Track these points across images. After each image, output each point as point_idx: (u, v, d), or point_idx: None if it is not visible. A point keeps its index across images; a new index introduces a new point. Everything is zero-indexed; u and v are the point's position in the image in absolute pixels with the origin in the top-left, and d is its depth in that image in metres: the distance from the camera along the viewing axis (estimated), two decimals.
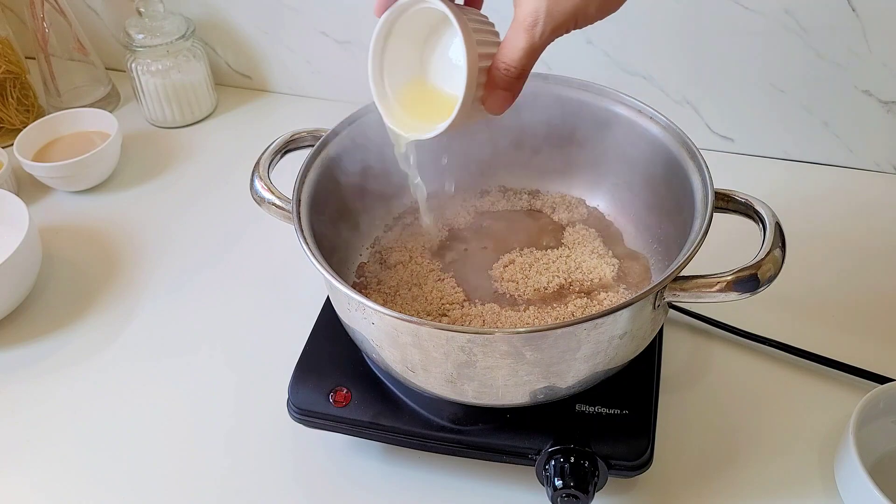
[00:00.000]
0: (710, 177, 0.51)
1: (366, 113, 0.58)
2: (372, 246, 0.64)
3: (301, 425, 0.55)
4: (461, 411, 0.53)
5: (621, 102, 0.59)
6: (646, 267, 0.60)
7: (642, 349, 0.52)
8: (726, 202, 0.52)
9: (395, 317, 0.44)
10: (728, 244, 0.57)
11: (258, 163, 0.57)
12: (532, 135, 0.63)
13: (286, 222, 0.54)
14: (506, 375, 0.46)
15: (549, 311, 0.55)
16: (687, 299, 0.47)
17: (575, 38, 0.45)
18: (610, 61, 0.82)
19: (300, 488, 0.57)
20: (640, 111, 0.58)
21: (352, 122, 0.58)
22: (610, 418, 0.52)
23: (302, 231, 0.50)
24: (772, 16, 0.74)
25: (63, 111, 0.89)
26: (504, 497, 0.55)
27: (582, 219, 0.64)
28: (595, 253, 0.60)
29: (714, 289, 0.47)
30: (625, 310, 0.44)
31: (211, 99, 0.96)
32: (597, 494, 0.50)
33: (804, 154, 0.83)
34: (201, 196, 0.85)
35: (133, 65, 0.91)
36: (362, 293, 0.46)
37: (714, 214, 0.49)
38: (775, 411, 0.59)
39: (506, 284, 0.58)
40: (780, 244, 0.48)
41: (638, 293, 0.45)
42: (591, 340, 0.45)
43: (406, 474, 0.57)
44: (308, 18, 0.91)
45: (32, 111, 0.94)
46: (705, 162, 0.52)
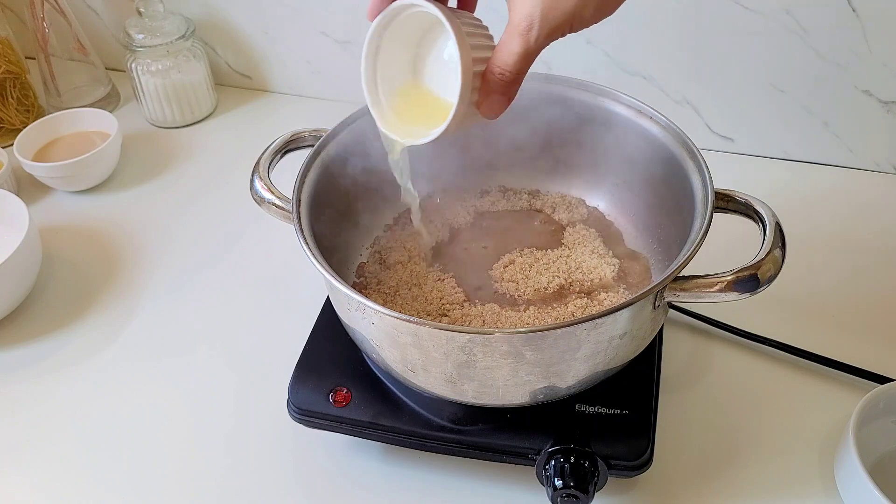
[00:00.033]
0: (710, 177, 0.51)
1: (366, 113, 0.58)
2: (372, 246, 0.64)
3: (301, 425, 0.55)
4: (461, 411, 0.53)
5: (621, 102, 0.59)
6: (646, 267, 0.60)
7: (642, 349, 0.52)
8: (726, 202, 0.52)
9: (395, 317, 0.44)
10: (728, 244, 0.57)
11: (258, 163, 0.57)
12: (532, 135, 0.63)
13: (286, 222, 0.54)
14: (506, 375, 0.46)
15: (550, 312, 0.55)
16: (687, 299, 0.47)
17: (575, 38, 0.45)
18: (610, 61, 0.82)
19: (300, 488, 0.57)
20: (640, 111, 0.58)
21: (352, 123, 0.58)
22: (610, 418, 0.52)
23: (302, 231, 0.50)
24: (772, 16, 0.74)
25: (63, 111, 0.89)
26: (504, 497, 0.55)
27: (582, 219, 0.64)
28: (595, 253, 0.60)
29: (714, 289, 0.47)
30: (625, 310, 0.44)
31: (211, 99, 0.96)
32: (597, 494, 0.50)
33: (804, 154, 0.83)
34: (201, 196, 0.85)
35: (133, 65, 0.91)
36: (362, 293, 0.46)
37: (714, 214, 0.49)
38: (775, 411, 0.59)
39: (506, 285, 0.58)
40: (780, 244, 0.48)
41: (638, 293, 0.45)
42: (591, 340, 0.45)
43: (406, 474, 0.57)
44: (308, 18, 0.91)
45: (32, 111, 0.94)
46: (705, 162, 0.52)
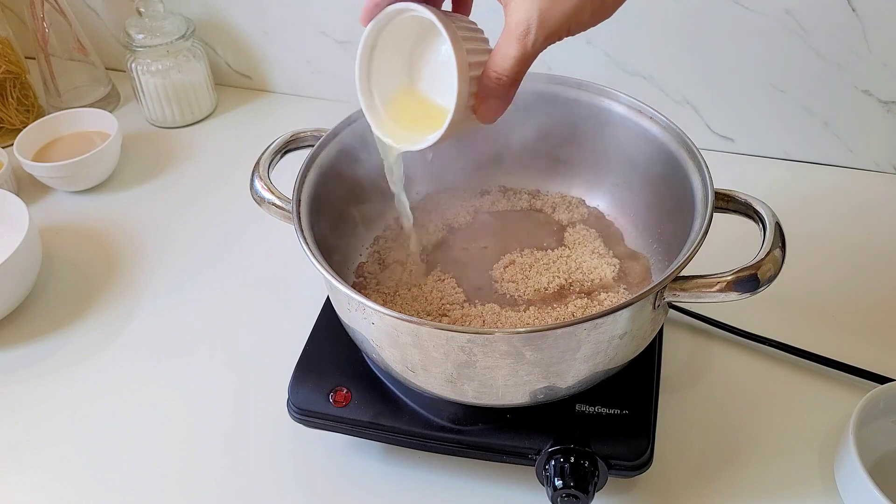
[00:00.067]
0: (710, 177, 0.51)
1: None
2: (372, 246, 0.64)
3: (301, 425, 0.55)
4: (461, 411, 0.53)
5: (621, 102, 0.59)
6: (646, 267, 0.60)
7: (642, 349, 0.52)
8: (726, 202, 0.52)
9: (395, 317, 0.44)
10: (728, 244, 0.57)
11: (258, 163, 0.57)
12: (532, 135, 0.63)
13: (286, 222, 0.54)
14: (506, 375, 0.46)
15: (550, 312, 0.55)
16: (687, 299, 0.47)
17: (574, 38, 0.44)
18: (610, 61, 0.82)
19: (300, 488, 0.57)
20: (640, 111, 0.58)
21: (352, 122, 0.58)
22: (610, 418, 0.52)
23: (302, 231, 0.50)
24: (772, 16, 0.74)
25: (63, 111, 0.89)
26: (504, 497, 0.55)
27: (582, 219, 0.64)
28: (595, 253, 0.60)
29: (714, 289, 0.47)
30: (625, 310, 0.44)
31: (211, 99, 0.96)
32: (597, 494, 0.50)
33: (804, 154, 0.83)
34: (201, 196, 0.84)
35: (133, 65, 0.91)
36: (362, 293, 0.46)
37: (714, 214, 0.49)
38: (775, 411, 0.59)
39: (506, 285, 0.58)
40: (780, 244, 0.48)
41: (638, 293, 0.45)
42: (591, 340, 0.45)
43: (406, 474, 0.57)
44: (308, 18, 0.91)
45: (32, 111, 0.94)
46: (705, 162, 0.52)
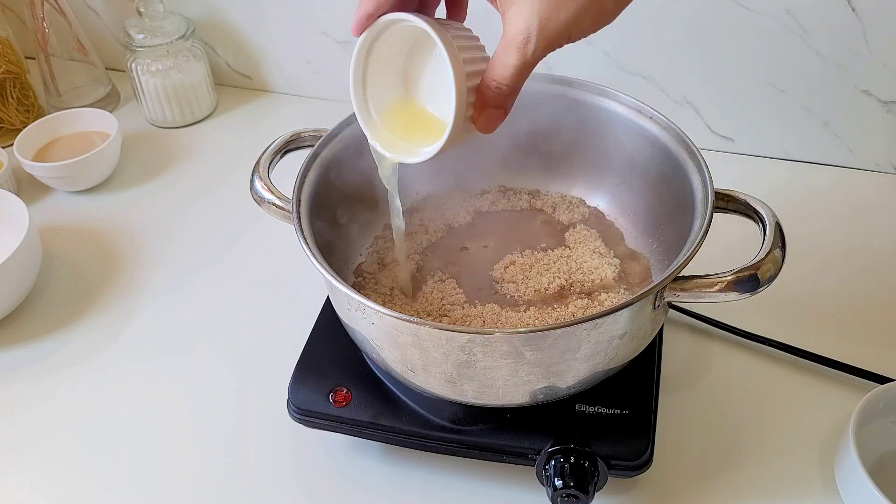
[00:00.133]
0: (710, 177, 0.51)
1: None
2: (371, 246, 0.64)
3: (301, 425, 0.55)
4: (461, 411, 0.53)
5: (621, 102, 0.59)
6: (646, 267, 0.60)
7: (642, 349, 0.52)
8: (726, 202, 0.52)
9: (395, 317, 0.44)
10: (728, 244, 0.57)
11: (258, 163, 0.57)
12: (532, 135, 0.63)
13: (286, 222, 0.54)
14: (506, 375, 0.46)
15: (550, 312, 0.55)
16: (687, 299, 0.47)
17: None
18: (610, 61, 0.82)
19: (300, 488, 0.57)
20: (640, 111, 0.58)
21: (352, 122, 0.58)
22: (610, 418, 0.52)
23: (302, 231, 0.50)
24: (772, 16, 0.74)
25: (63, 111, 0.89)
26: (504, 497, 0.55)
27: (583, 219, 0.64)
28: (596, 253, 0.60)
29: (714, 289, 0.46)
30: (625, 310, 0.44)
31: (211, 99, 0.96)
32: (597, 494, 0.50)
33: (804, 154, 0.83)
34: (201, 196, 0.84)
35: (133, 65, 0.91)
36: (362, 293, 0.46)
37: (714, 214, 0.49)
38: (775, 411, 0.59)
39: (506, 285, 0.58)
40: (780, 244, 0.48)
41: (638, 293, 0.45)
42: (591, 340, 0.45)
43: (406, 474, 0.57)
44: (308, 18, 0.91)
45: (32, 111, 0.94)
46: (705, 162, 0.52)
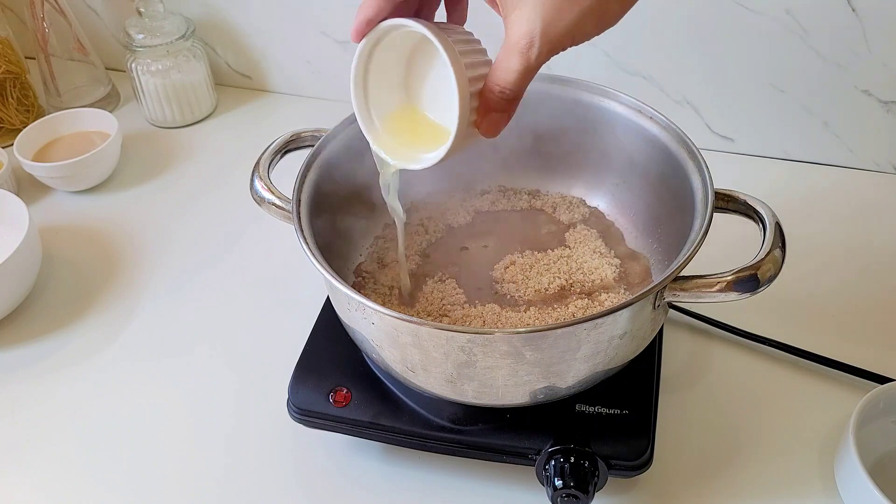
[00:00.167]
0: (710, 177, 0.51)
1: None
2: (371, 246, 0.64)
3: (301, 425, 0.55)
4: (461, 411, 0.53)
5: (621, 102, 0.59)
6: (646, 267, 0.60)
7: (642, 349, 0.52)
8: (726, 202, 0.52)
9: (395, 317, 0.44)
10: (728, 244, 0.57)
11: (258, 163, 0.57)
12: (532, 135, 0.63)
13: (286, 222, 0.54)
14: (506, 375, 0.46)
15: (550, 312, 0.55)
16: (687, 299, 0.47)
17: None
18: (610, 61, 0.82)
19: (300, 488, 0.56)
20: (640, 111, 0.58)
21: (352, 122, 0.58)
22: (610, 418, 0.52)
23: (302, 231, 0.50)
24: (772, 16, 0.74)
25: (63, 111, 0.89)
26: (504, 497, 0.55)
27: (583, 219, 0.64)
28: (597, 253, 0.60)
29: (714, 289, 0.46)
30: (625, 310, 0.44)
31: (211, 99, 0.96)
32: (597, 494, 0.50)
33: (804, 154, 0.83)
34: (201, 196, 0.84)
35: (133, 65, 0.91)
36: (361, 293, 0.46)
37: (714, 214, 0.49)
38: (775, 411, 0.59)
39: (507, 285, 0.58)
40: (780, 244, 0.48)
41: (638, 293, 0.45)
42: (591, 340, 0.45)
43: (406, 474, 0.57)
44: (308, 18, 0.91)
45: (32, 111, 0.94)
46: (705, 162, 0.52)
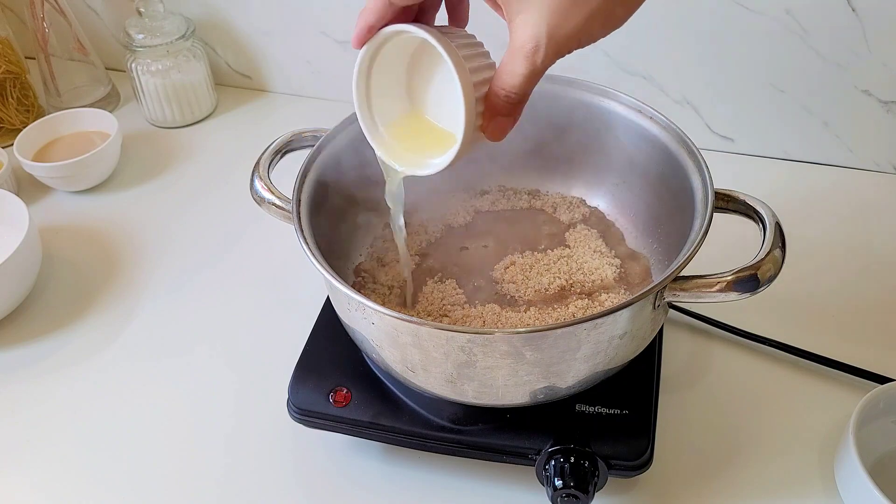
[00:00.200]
0: (710, 177, 0.51)
1: None
2: (371, 245, 0.64)
3: (301, 425, 0.55)
4: (461, 411, 0.53)
5: (621, 102, 0.59)
6: (646, 267, 0.60)
7: (642, 349, 0.52)
8: (726, 202, 0.52)
9: (395, 317, 0.44)
10: (728, 244, 0.57)
11: (258, 163, 0.57)
12: (532, 134, 0.63)
13: (286, 222, 0.54)
14: (506, 375, 0.46)
15: (550, 312, 0.55)
16: (687, 299, 0.47)
17: None
18: (610, 61, 0.82)
19: (300, 488, 0.56)
20: (640, 111, 0.58)
21: (352, 122, 0.58)
22: (610, 418, 0.52)
23: (302, 231, 0.50)
24: (772, 16, 0.74)
25: (63, 111, 0.89)
26: (504, 497, 0.55)
27: (583, 219, 0.64)
28: (597, 253, 0.60)
29: (714, 289, 0.46)
30: (625, 310, 0.44)
31: (211, 99, 0.96)
32: (597, 494, 0.50)
33: (804, 154, 0.83)
34: (201, 196, 0.84)
35: (133, 65, 0.91)
36: (361, 293, 0.46)
37: (714, 214, 0.49)
38: (775, 411, 0.59)
39: (507, 285, 0.58)
40: (780, 244, 0.48)
41: (638, 293, 0.45)
42: (591, 340, 0.45)
43: (406, 474, 0.57)
44: (308, 18, 0.91)
45: (32, 111, 0.94)
46: (705, 162, 0.52)
